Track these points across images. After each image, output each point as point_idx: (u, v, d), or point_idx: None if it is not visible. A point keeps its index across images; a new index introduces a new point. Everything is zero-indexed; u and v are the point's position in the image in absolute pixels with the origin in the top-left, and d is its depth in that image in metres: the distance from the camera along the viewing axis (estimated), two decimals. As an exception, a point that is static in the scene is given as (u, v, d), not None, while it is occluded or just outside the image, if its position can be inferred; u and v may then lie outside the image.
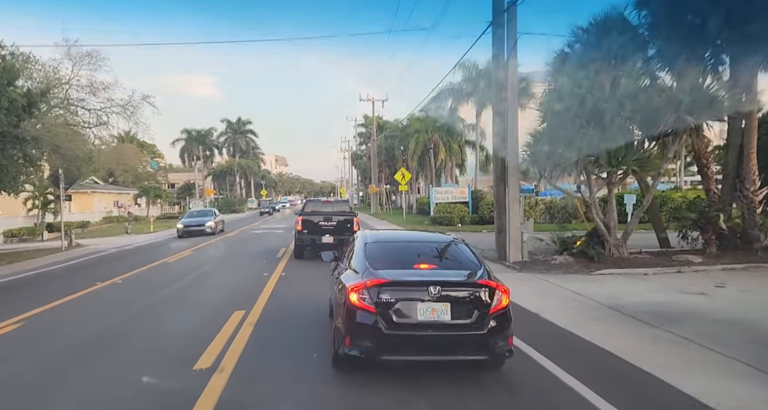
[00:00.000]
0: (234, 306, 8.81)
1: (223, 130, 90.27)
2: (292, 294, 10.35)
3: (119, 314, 9.02)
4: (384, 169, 56.87)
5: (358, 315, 5.05)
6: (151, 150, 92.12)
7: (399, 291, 5.05)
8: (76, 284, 11.92)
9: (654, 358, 5.86)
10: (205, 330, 7.34)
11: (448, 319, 5.00)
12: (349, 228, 15.33)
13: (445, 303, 5.00)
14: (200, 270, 14.55)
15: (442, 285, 5.03)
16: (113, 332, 7.79)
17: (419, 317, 4.98)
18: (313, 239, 15.65)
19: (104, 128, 23.38)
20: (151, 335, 7.60)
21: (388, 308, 4.98)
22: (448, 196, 31.33)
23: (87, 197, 46.87)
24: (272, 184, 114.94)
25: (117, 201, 52.79)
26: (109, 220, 42.59)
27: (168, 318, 8.78)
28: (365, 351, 5.02)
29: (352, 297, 5.09)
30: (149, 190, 51.41)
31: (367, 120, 71.39)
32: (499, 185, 15.45)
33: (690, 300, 8.93)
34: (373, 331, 4.96)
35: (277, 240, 22.47)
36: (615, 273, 11.77)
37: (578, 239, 13.26)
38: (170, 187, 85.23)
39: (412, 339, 5.00)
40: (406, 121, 42.53)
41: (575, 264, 12.64)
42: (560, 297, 9.63)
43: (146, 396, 5.13)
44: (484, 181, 42.02)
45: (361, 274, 5.35)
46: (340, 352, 5.23)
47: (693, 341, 6.49)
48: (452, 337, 5.06)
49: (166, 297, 10.59)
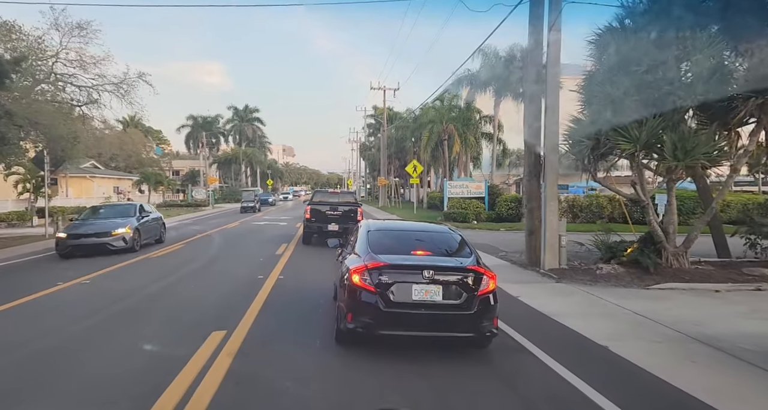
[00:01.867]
0: (213, 324, 6.92)
1: (229, 117, 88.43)
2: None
3: (57, 334, 6.79)
4: (394, 161, 54.77)
5: (359, 294, 5.55)
6: (157, 136, 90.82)
7: (396, 274, 5.54)
8: (25, 287, 9.83)
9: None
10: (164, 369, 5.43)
11: (439, 300, 5.50)
12: (353, 218, 16.27)
13: (437, 285, 5.50)
14: (187, 268, 12.66)
15: (435, 270, 5.53)
16: (26, 372, 5.41)
17: (414, 297, 5.47)
18: (320, 227, 16.70)
19: (95, 107, 21.50)
20: (81, 380, 5.35)
21: (386, 289, 5.48)
22: (463, 191, 29.29)
23: (86, 182, 45.28)
24: (279, 174, 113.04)
25: (117, 186, 51.18)
26: (107, 207, 40.90)
27: (123, 344, 6.87)
28: (365, 326, 5.53)
29: (354, 278, 5.61)
30: (150, 176, 49.65)
31: (376, 111, 69.32)
32: (532, 179, 13.46)
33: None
34: (373, 309, 5.47)
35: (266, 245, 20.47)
36: (678, 288, 9.77)
37: (629, 245, 11.24)
38: (175, 174, 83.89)
39: (406, 317, 5.47)
40: (419, 110, 40.46)
41: (626, 275, 10.64)
42: (624, 320, 7.66)
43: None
44: (499, 177, 39.96)
45: (363, 258, 5.83)
46: (342, 327, 5.80)
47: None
48: (443, 316, 5.54)
49: (127, 311, 8.12)
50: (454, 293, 5.54)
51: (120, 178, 52.46)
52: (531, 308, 8.46)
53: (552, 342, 6.47)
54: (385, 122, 48.74)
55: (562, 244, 12.08)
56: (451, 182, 30.55)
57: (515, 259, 14.30)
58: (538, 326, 7.37)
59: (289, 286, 9.91)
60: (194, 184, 66.66)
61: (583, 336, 6.70)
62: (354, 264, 5.79)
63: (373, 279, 5.51)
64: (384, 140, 48.72)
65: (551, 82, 12.01)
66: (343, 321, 5.73)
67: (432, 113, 34.68)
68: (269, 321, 7.23)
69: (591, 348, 6.26)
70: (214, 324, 6.90)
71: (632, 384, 5.16)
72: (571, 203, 27.82)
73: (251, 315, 7.47)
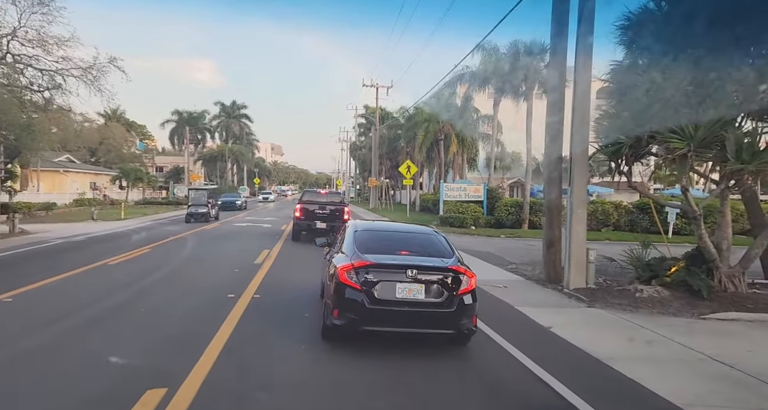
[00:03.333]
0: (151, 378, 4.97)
1: (216, 113, 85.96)
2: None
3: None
4: (385, 161, 52.90)
5: (345, 291, 5.74)
6: (141, 131, 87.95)
7: (381, 273, 5.74)
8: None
9: None
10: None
11: (422, 298, 5.72)
12: (339, 217, 16.91)
13: (420, 284, 5.72)
14: (141, 283, 10.65)
15: (418, 269, 5.74)
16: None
17: (397, 295, 5.68)
18: (308, 224, 17.29)
19: (59, 93, 19.28)
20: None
21: (371, 286, 5.69)
22: (461, 194, 27.50)
23: (59, 177, 42.75)
24: (266, 172, 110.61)
25: (94, 182, 48.62)
26: (80, 203, 38.45)
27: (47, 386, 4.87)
28: (350, 322, 5.71)
29: (341, 276, 5.79)
30: (129, 171, 47.19)
31: (368, 110, 67.41)
32: (552, 185, 11.66)
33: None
34: (358, 305, 5.66)
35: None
36: (742, 319, 8.01)
37: (672, 263, 9.47)
38: (159, 170, 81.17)
39: (390, 314, 5.66)
40: (413, 109, 38.62)
41: (673, 299, 8.86)
42: (703, 370, 5.82)
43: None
44: (494, 180, 38.21)
45: (349, 257, 6.02)
46: (328, 323, 5.97)
47: None
48: (425, 313, 5.77)
49: (35, 355, 5.77)
50: (436, 292, 5.75)
51: (97, 173, 49.90)
52: (572, 346, 6.63)
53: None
54: (377, 120, 46.89)
55: (590, 259, 10.31)
56: (448, 184, 28.75)
57: (529, 274, 12.51)
58: (595, 379, 5.53)
59: (267, 310, 7.95)
60: (178, 181, 64.13)
61: (666, 400, 4.86)
62: (341, 263, 5.96)
63: (359, 277, 5.70)
64: (376, 139, 46.86)
65: (582, 68, 10.20)
66: (330, 318, 5.89)
67: (427, 112, 32.83)
68: (234, 369, 5.32)
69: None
70: (151, 378, 4.95)
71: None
72: (576, 209, 26.20)
73: (207, 361, 5.52)
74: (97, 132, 58.77)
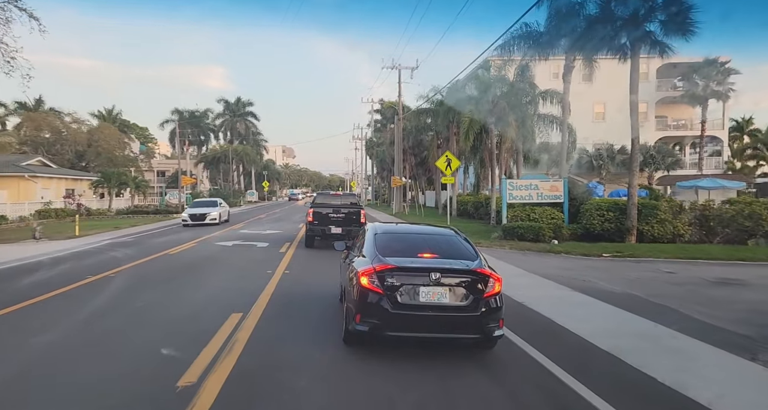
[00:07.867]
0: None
1: (220, 111, 79.19)
2: None
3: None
4: (409, 157, 45.30)
5: (367, 296, 5.63)
6: (142, 133, 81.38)
7: (404, 276, 5.64)
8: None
9: None
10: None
11: (446, 302, 5.62)
12: (355, 220, 16.18)
13: (444, 287, 5.62)
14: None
15: (442, 272, 5.64)
16: None
17: (421, 299, 5.58)
18: (322, 229, 16.38)
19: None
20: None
21: (394, 290, 5.58)
22: (531, 194, 19.89)
23: (25, 183, 35.77)
24: (276, 175, 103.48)
25: (73, 189, 41.65)
26: (44, 215, 31.47)
27: None
28: (373, 327, 5.61)
29: (363, 280, 5.68)
30: (111, 175, 40.24)
31: (384, 105, 59.92)
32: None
33: None
34: (381, 310, 5.56)
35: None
36: None
37: None
38: (161, 175, 74.67)
39: (414, 318, 5.57)
40: (446, 91, 30.98)
41: None
42: None
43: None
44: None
45: (370, 261, 5.93)
46: (350, 328, 5.84)
47: None
48: (450, 318, 5.66)
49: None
50: (461, 295, 5.67)
51: (76, 179, 42.93)
52: None
53: None
54: (400, 108, 39.43)
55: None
56: (512, 181, 21.07)
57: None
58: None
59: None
60: (174, 187, 57.20)
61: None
62: (362, 267, 5.88)
63: (381, 281, 5.62)
64: (399, 130, 39.30)
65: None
66: (352, 323, 5.79)
67: (476, 86, 25.08)
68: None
69: None
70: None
71: None
72: (702, 211, 18.29)
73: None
74: (86, 134, 52.18)
